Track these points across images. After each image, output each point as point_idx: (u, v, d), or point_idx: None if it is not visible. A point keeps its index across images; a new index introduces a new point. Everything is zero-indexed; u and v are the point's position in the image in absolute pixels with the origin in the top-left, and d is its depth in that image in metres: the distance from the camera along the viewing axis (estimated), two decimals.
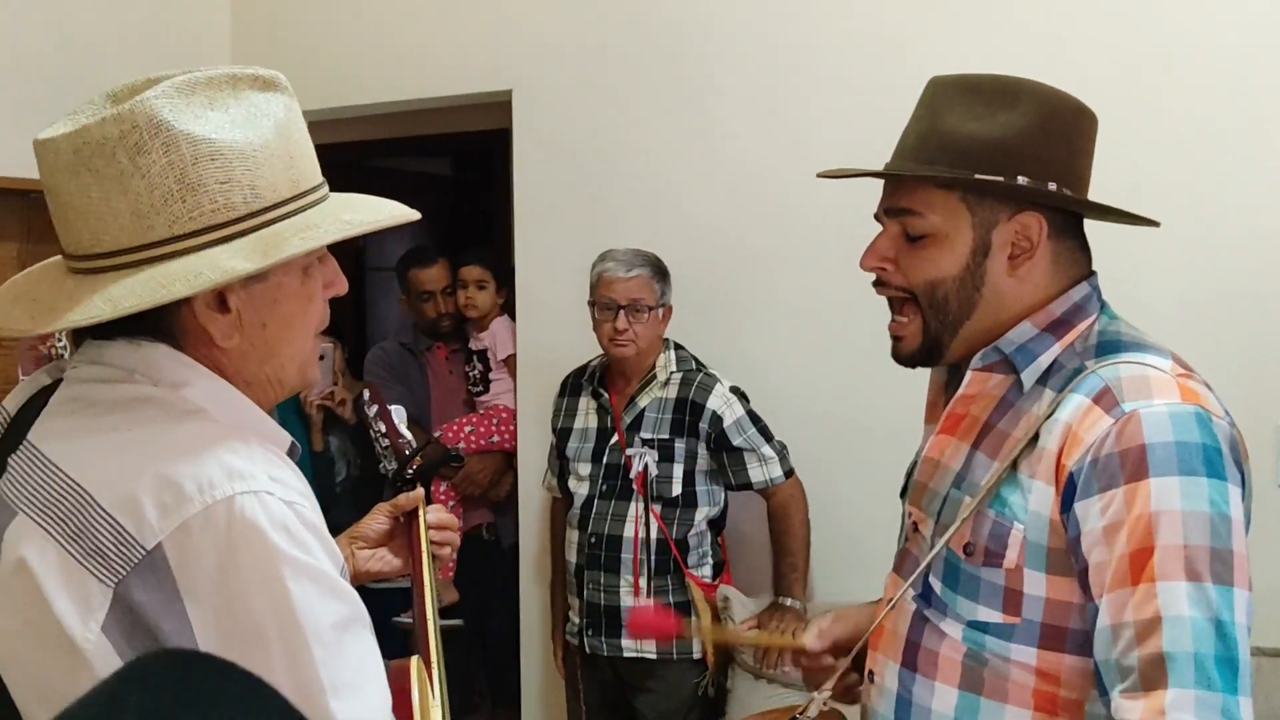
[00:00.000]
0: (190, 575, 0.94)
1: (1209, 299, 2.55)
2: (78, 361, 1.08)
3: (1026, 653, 1.25)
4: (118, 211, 1.00)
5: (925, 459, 1.44)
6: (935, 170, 1.30)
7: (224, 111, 1.04)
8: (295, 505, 0.99)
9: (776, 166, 2.99)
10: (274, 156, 1.05)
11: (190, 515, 0.94)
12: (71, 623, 0.93)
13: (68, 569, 0.94)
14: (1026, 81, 1.32)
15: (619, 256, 2.83)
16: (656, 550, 2.77)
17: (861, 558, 2.57)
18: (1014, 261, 1.31)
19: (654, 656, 2.79)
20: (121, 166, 0.99)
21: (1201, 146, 2.55)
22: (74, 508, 0.96)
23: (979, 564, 1.28)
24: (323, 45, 3.63)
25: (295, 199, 1.07)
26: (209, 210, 1.01)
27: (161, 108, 1.00)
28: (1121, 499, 1.16)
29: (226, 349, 1.07)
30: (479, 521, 3.69)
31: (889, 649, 1.40)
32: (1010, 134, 1.28)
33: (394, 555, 1.61)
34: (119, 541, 0.94)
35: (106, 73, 3.27)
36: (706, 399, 2.78)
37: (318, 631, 0.96)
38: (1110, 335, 1.30)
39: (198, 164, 1.01)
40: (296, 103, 1.12)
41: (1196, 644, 1.10)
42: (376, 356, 3.78)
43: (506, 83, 3.34)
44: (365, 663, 1.01)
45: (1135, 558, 1.14)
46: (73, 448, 1.00)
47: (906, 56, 2.78)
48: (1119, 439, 1.17)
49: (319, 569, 0.98)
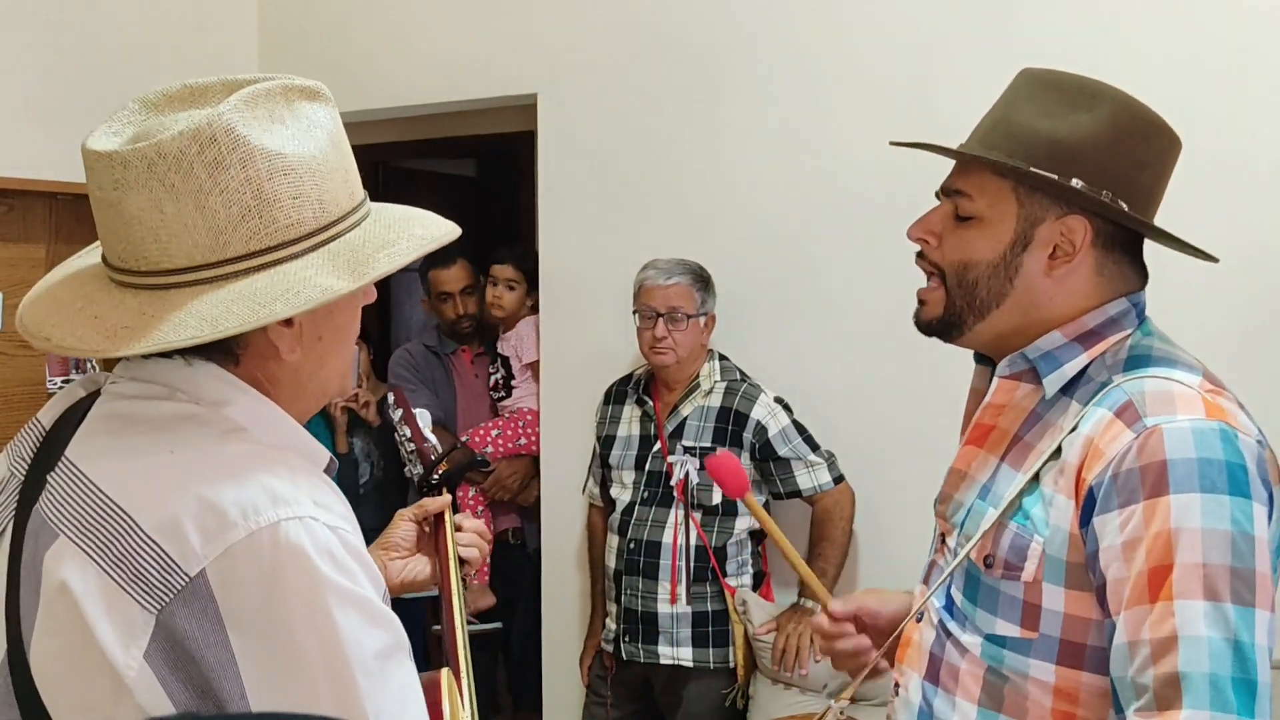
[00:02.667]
0: (234, 603, 0.93)
1: (1259, 319, 2.49)
2: (118, 376, 1.07)
3: (1045, 669, 1.24)
4: (193, 227, 0.99)
5: (953, 470, 1.44)
6: (995, 155, 1.29)
7: (284, 125, 1.03)
8: (340, 530, 0.98)
9: (803, 172, 2.96)
10: (334, 169, 1.05)
11: (234, 541, 0.93)
12: (114, 649, 0.92)
13: (110, 594, 0.93)
14: (1111, 88, 1.29)
15: (660, 265, 2.85)
16: (695, 558, 2.77)
17: (896, 568, 2.55)
18: (1053, 262, 1.29)
19: (690, 665, 2.79)
20: (200, 181, 0.98)
21: (1256, 165, 2.49)
22: (116, 532, 0.95)
23: (998, 576, 1.27)
24: (348, 50, 3.63)
25: (354, 211, 1.07)
26: (283, 225, 1.01)
27: (237, 122, 0.99)
28: (1141, 515, 1.14)
29: (290, 362, 1.07)
30: (506, 526, 3.69)
31: (914, 661, 1.40)
32: (1077, 136, 1.26)
33: (425, 564, 1.60)
34: (162, 568, 0.93)
35: (133, 78, 3.32)
36: (751, 409, 2.78)
37: (363, 661, 0.95)
38: (1142, 350, 1.28)
39: (273, 179, 1.00)
40: (338, 112, 1.12)
41: (1213, 664, 1.08)
42: (401, 358, 3.77)
43: (531, 87, 3.33)
44: (407, 692, 1.00)
45: (1154, 575, 1.12)
46: (114, 468, 0.99)
47: (939, 59, 2.75)
48: (1140, 454, 1.16)
49: (364, 596, 0.97)
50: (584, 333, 3.30)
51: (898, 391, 2.85)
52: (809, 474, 2.78)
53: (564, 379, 3.34)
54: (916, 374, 2.74)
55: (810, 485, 2.79)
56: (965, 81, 2.49)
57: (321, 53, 3.68)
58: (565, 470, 3.29)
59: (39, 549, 0.98)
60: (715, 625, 2.79)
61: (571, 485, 3.24)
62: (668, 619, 2.78)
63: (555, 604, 3.41)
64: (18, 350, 3.21)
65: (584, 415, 3.17)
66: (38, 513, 1.00)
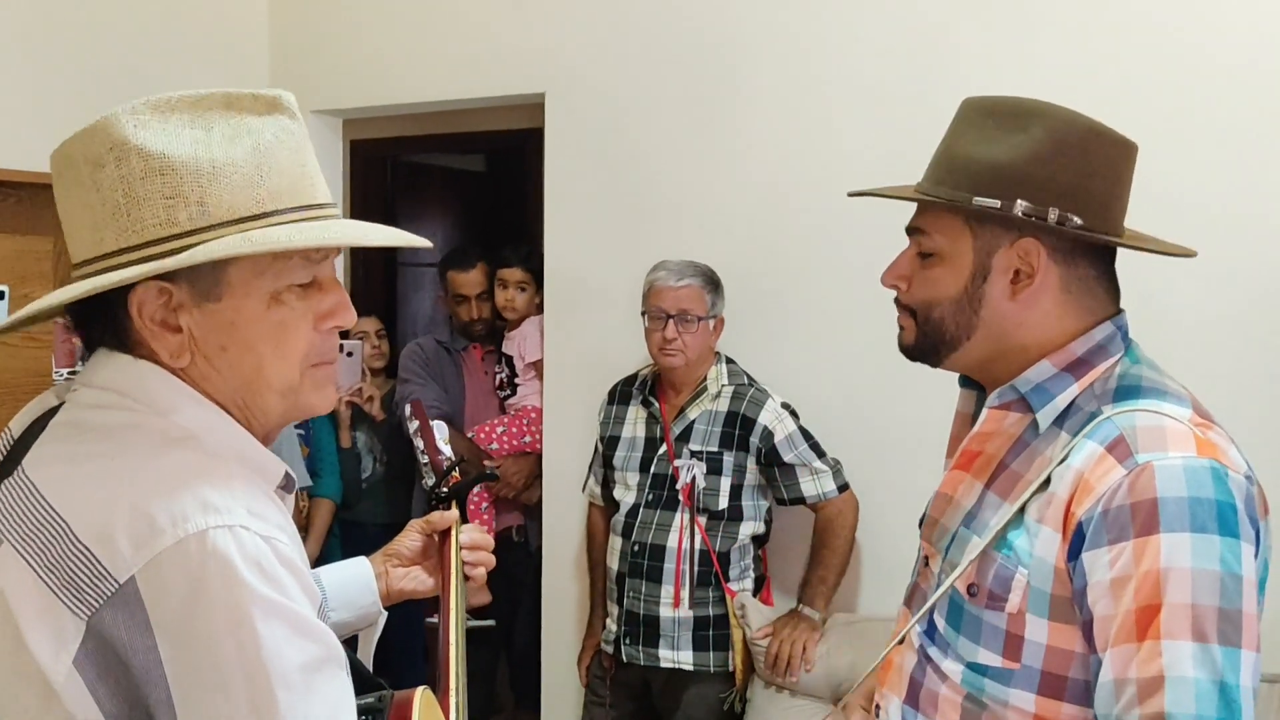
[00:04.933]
0: (161, 610, 0.92)
1: (1242, 316, 2.48)
2: (79, 384, 1.08)
3: (1025, 699, 1.24)
4: (80, 224, 1.03)
5: (939, 494, 1.44)
6: (938, 193, 1.30)
7: (204, 130, 1.03)
8: (272, 540, 0.97)
9: (812, 174, 2.94)
10: (236, 174, 1.03)
11: (162, 549, 0.93)
12: (44, 655, 0.93)
13: (43, 600, 0.94)
14: (1044, 105, 1.29)
15: (671, 266, 2.83)
16: (699, 562, 2.76)
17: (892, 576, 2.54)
18: (1015, 286, 1.30)
19: (690, 668, 2.78)
20: (82, 178, 1.02)
21: (1240, 163, 2.47)
22: (52, 537, 0.95)
23: (982, 605, 1.27)
24: (357, 47, 3.63)
25: (256, 218, 1.03)
26: (151, 225, 1.01)
27: (125, 123, 1.01)
28: (1131, 553, 1.14)
29: (180, 368, 1.06)
30: (510, 523, 3.69)
31: (894, 685, 1.40)
32: (1016, 158, 1.26)
33: (427, 574, 1.59)
34: (93, 574, 0.93)
35: (140, 72, 3.32)
36: (758, 414, 2.77)
37: (284, 674, 0.94)
38: (1131, 380, 1.28)
39: (146, 179, 1.00)
40: (300, 125, 1.10)
41: (1199, 706, 1.09)
42: (413, 353, 3.76)
43: (539, 86, 3.33)
44: (338, 706, 0.99)
45: (1142, 614, 1.12)
46: (57, 475, 1.00)
47: (944, 62, 2.75)
48: (1131, 491, 1.16)
49: (290, 608, 0.96)
50: (588, 332, 3.29)
51: (902, 399, 2.83)
52: (814, 481, 2.77)
53: (568, 377, 3.34)
54: (920, 382, 2.70)
55: (814, 493, 2.77)
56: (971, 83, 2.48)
57: (332, 49, 3.67)
58: (567, 469, 3.29)
59: None
60: (716, 629, 2.78)
61: (573, 485, 3.24)
62: (669, 623, 2.78)
63: (556, 602, 3.42)
64: (23, 342, 3.21)
65: (587, 414, 3.16)
66: None
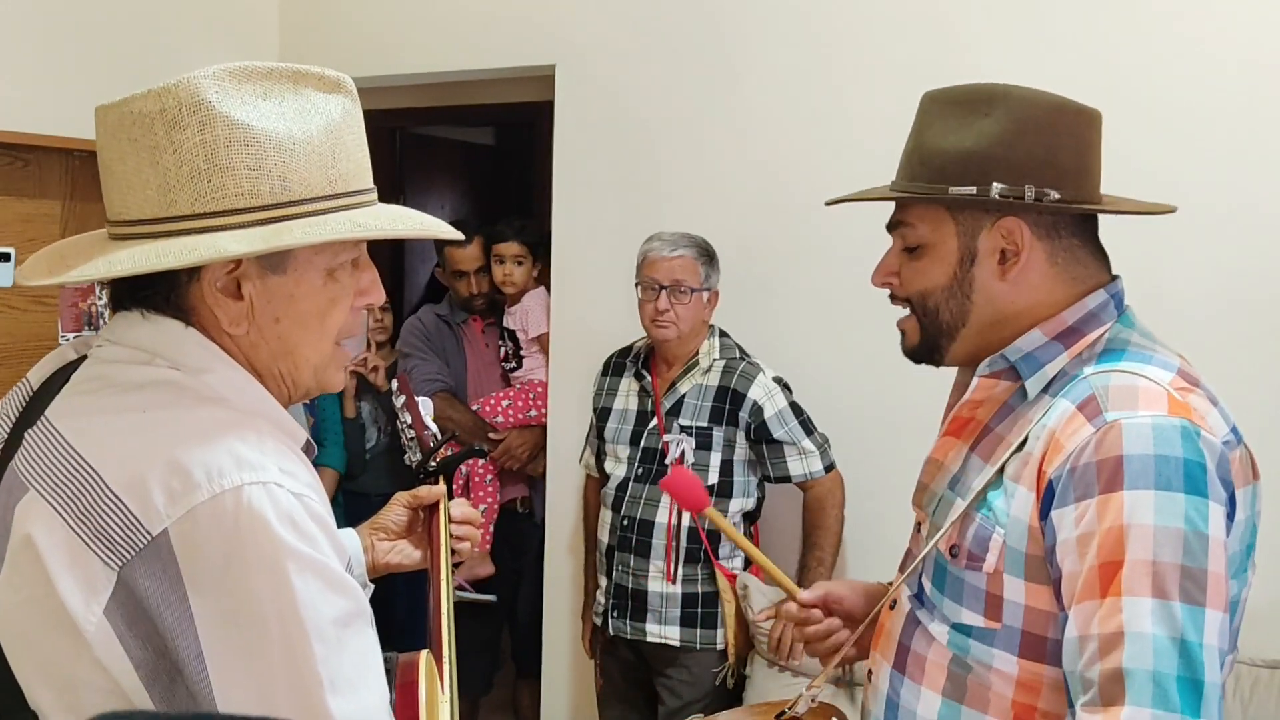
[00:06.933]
0: (194, 564, 0.93)
1: (1236, 290, 2.48)
2: (103, 339, 1.08)
3: (1008, 660, 1.25)
4: (146, 182, 1.02)
5: (930, 460, 1.46)
6: (915, 187, 1.32)
7: (277, 103, 1.04)
8: (304, 498, 0.99)
9: (820, 150, 2.94)
10: (314, 153, 1.05)
11: (197, 503, 0.94)
12: (75, 604, 0.93)
13: (74, 549, 0.94)
14: (1005, 87, 1.31)
15: (665, 237, 2.80)
16: (688, 538, 2.76)
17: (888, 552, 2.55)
18: (1004, 266, 1.32)
19: (677, 644, 2.78)
20: (156, 139, 1.00)
21: (1230, 135, 2.47)
22: (82, 488, 0.96)
23: (962, 566, 1.28)
24: (367, 17, 3.61)
25: (330, 198, 1.06)
26: (233, 193, 1.01)
27: (207, 88, 1.01)
28: (1095, 510, 1.15)
29: (235, 335, 1.07)
30: (515, 495, 3.70)
31: (885, 650, 1.42)
32: (984, 142, 1.28)
33: (414, 548, 1.60)
34: (125, 525, 0.94)
35: (150, 41, 3.32)
36: (748, 388, 2.75)
37: (319, 627, 0.96)
38: (1118, 343, 1.29)
39: (230, 147, 1.01)
40: (359, 107, 1.12)
41: (1157, 662, 1.09)
42: (413, 327, 3.77)
43: (550, 58, 3.31)
44: (366, 660, 1.01)
45: (1104, 570, 1.13)
46: (87, 426, 1.00)
47: (952, 41, 2.74)
48: (1098, 448, 1.16)
49: (324, 563, 0.98)
50: (595, 305, 3.29)
51: (891, 373, 2.81)
52: (801, 461, 2.75)
53: (573, 350, 3.34)
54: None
55: (801, 472, 2.76)
56: (982, 64, 2.48)
57: (342, 17, 3.66)
58: (571, 442, 3.29)
59: (10, 503, 0.99)
60: (705, 607, 2.77)
61: (577, 458, 3.24)
62: (658, 597, 2.77)
63: (557, 574, 3.43)
64: (30, 305, 3.23)
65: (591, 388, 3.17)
66: (12, 468, 1.02)
